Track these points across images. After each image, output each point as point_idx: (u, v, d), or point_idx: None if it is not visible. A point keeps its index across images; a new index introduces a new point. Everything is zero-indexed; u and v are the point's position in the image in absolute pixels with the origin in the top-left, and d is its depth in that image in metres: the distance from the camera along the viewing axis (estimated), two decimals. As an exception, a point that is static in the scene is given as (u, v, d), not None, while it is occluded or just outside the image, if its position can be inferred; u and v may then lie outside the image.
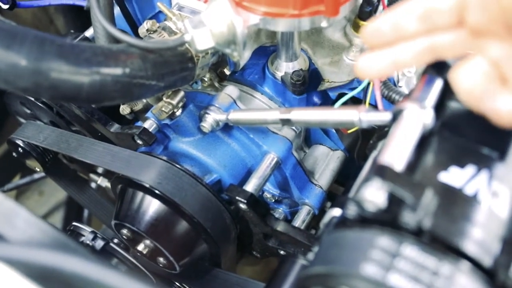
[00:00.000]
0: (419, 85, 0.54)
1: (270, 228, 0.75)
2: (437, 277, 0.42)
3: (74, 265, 0.41)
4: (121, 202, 0.78)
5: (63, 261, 0.42)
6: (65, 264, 0.41)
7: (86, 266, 0.41)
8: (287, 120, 0.65)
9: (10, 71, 0.53)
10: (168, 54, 0.65)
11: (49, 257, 0.42)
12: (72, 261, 0.41)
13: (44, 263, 0.42)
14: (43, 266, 0.42)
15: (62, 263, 0.42)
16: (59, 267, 0.42)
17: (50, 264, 0.42)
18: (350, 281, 0.43)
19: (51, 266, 0.42)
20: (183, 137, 0.81)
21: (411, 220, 0.44)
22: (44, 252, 0.42)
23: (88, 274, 0.41)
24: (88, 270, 0.41)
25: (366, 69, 0.51)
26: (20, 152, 0.92)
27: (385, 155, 0.48)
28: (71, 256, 0.42)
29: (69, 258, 0.42)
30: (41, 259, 0.42)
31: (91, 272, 0.41)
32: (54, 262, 0.42)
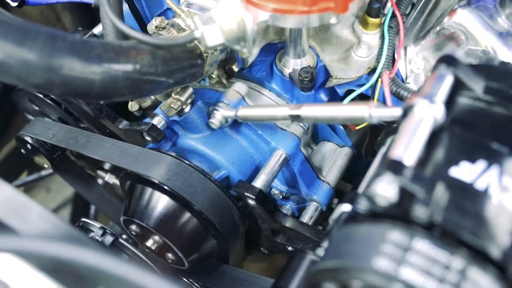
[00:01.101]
0: (429, 81, 0.54)
1: (278, 224, 0.75)
2: (449, 271, 0.42)
3: (88, 258, 0.42)
4: (130, 198, 0.78)
5: (76, 254, 0.42)
6: (79, 257, 0.42)
7: (100, 259, 0.42)
8: (297, 116, 0.65)
9: (23, 68, 0.53)
10: (177, 51, 0.65)
11: (63, 250, 0.42)
12: (85, 254, 0.42)
13: (57, 256, 0.42)
14: (56, 259, 0.43)
15: (75, 256, 0.42)
16: (72, 260, 0.42)
17: (63, 257, 0.42)
18: (362, 275, 0.44)
19: (64, 259, 0.42)
20: (192, 134, 0.81)
21: (423, 214, 0.45)
22: (57, 245, 0.42)
23: (102, 267, 0.41)
24: (102, 263, 0.42)
25: None
26: (29, 148, 0.92)
27: (396, 150, 0.48)
28: (84, 249, 0.42)
29: (83, 251, 0.42)
30: (54, 252, 0.42)
31: (105, 265, 0.42)
32: (67, 255, 0.42)
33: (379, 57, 0.78)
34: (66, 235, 0.51)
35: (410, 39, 0.80)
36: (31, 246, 0.41)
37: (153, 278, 0.40)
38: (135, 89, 0.62)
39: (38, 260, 0.46)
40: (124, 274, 0.40)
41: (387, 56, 0.77)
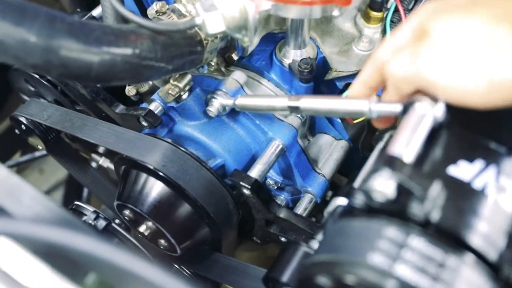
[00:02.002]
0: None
1: (272, 214, 0.75)
2: (443, 269, 0.42)
3: (81, 244, 0.41)
4: (124, 183, 0.78)
5: (70, 239, 0.42)
6: (72, 242, 0.41)
7: (93, 245, 0.41)
8: (296, 108, 0.65)
9: (21, 47, 0.52)
10: (177, 37, 0.65)
11: (56, 235, 0.42)
12: (79, 240, 0.41)
13: (51, 240, 0.42)
14: (50, 243, 0.42)
15: (69, 241, 0.42)
16: (65, 245, 0.42)
17: (56, 241, 0.42)
18: (356, 270, 0.44)
19: (57, 244, 0.42)
20: (189, 121, 0.81)
21: (419, 211, 0.45)
22: (51, 229, 0.42)
23: (95, 253, 0.41)
24: (95, 250, 0.41)
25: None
26: (23, 129, 0.91)
27: (395, 146, 0.48)
28: (78, 234, 0.42)
29: (77, 236, 0.42)
30: (48, 236, 0.42)
31: (98, 251, 0.41)
32: (60, 240, 0.42)
33: (380, 51, 0.77)
34: (59, 218, 0.51)
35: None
36: (24, 229, 0.41)
37: (145, 265, 0.40)
38: (133, 73, 0.61)
39: (31, 243, 0.46)
40: (116, 260, 0.40)
41: (388, 51, 0.76)
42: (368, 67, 0.58)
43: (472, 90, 0.47)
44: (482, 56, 0.46)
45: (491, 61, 0.46)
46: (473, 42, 0.47)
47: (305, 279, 0.49)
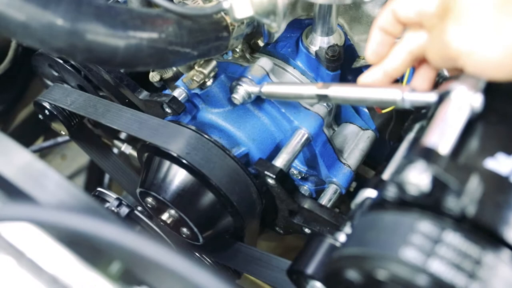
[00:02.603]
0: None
1: (297, 205, 0.74)
2: (480, 266, 0.41)
3: (107, 232, 0.40)
4: (147, 171, 0.77)
5: (95, 227, 0.41)
6: (98, 230, 0.40)
7: (119, 233, 0.41)
8: (324, 96, 0.63)
9: (46, 31, 0.52)
10: (203, 22, 0.63)
11: (82, 222, 0.41)
12: (104, 228, 0.41)
13: (76, 228, 0.41)
14: (75, 231, 0.42)
15: (94, 229, 0.41)
16: (91, 233, 0.41)
17: (81, 230, 0.41)
18: (388, 265, 0.42)
19: (83, 232, 0.41)
20: (213, 108, 0.80)
21: (455, 206, 0.43)
22: (77, 217, 0.41)
23: (121, 242, 0.40)
24: (120, 239, 0.40)
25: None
26: (47, 114, 0.91)
27: (430, 137, 0.47)
28: (103, 222, 0.41)
29: (102, 225, 0.41)
30: (73, 224, 0.41)
31: (124, 240, 0.40)
32: (86, 228, 0.41)
33: (410, 39, 0.75)
34: (83, 205, 0.50)
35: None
36: (49, 216, 0.40)
37: (169, 255, 0.39)
38: (159, 58, 0.60)
39: (56, 230, 0.45)
40: (141, 250, 0.39)
41: (419, 38, 0.74)
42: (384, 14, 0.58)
43: (489, 57, 0.46)
44: (498, 22, 0.46)
45: (507, 28, 0.45)
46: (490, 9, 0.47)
47: (333, 273, 0.48)
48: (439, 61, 0.52)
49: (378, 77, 0.59)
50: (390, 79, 0.60)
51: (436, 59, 0.53)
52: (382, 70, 0.59)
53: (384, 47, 0.59)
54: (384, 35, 0.58)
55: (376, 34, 0.59)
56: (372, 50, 0.59)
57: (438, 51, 0.51)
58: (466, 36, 0.47)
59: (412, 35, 0.56)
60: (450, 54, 0.49)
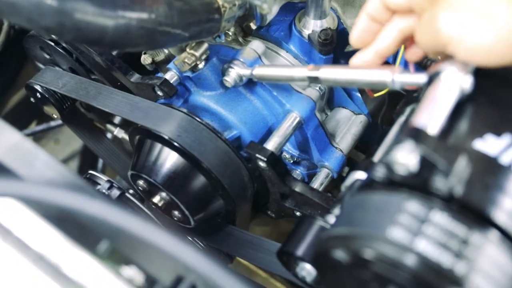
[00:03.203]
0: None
1: (288, 188, 0.74)
2: (466, 245, 0.41)
3: (93, 209, 0.40)
4: (139, 153, 0.77)
5: (82, 203, 0.41)
6: (85, 206, 0.40)
7: (106, 210, 0.41)
8: (315, 78, 0.63)
9: (34, 9, 0.51)
10: (195, 3, 0.63)
11: (68, 199, 0.41)
12: (92, 205, 0.40)
13: (62, 204, 0.41)
14: (60, 207, 0.41)
15: (81, 206, 0.41)
16: (77, 210, 0.41)
17: (68, 205, 0.41)
18: (375, 244, 0.42)
19: (69, 208, 0.41)
20: (205, 91, 0.79)
21: (443, 186, 0.43)
22: (63, 193, 0.41)
23: (108, 218, 0.40)
24: (108, 215, 0.40)
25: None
26: (38, 97, 0.90)
27: (419, 118, 0.46)
28: (90, 199, 0.41)
29: (89, 201, 0.41)
30: (59, 199, 0.41)
31: (111, 217, 0.40)
32: (73, 204, 0.41)
33: (403, 23, 0.75)
34: (72, 184, 0.50)
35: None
36: (35, 192, 0.40)
37: (159, 233, 0.39)
38: (149, 39, 0.60)
39: (42, 207, 0.45)
40: (129, 227, 0.39)
41: (412, 22, 0.74)
42: (373, 1, 0.58)
43: (479, 43, 0.46)
44: (489, 8, 0.46)
45: (498, 15, 0.45)
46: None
47: (322, 253, 0.48)
48: (429, 46, 0.52)
49: (369, 58, 0.59)
50: (381, 59, 0.59)
51: (426, 44, 0.52)
52: (373, 51, 0.59)
53: (370, 34, 0.59)
54: (371, 22, 0.59)
55: (363, 20, 0.59)
56: (357, 36, 0.60)
57: (428, 37, 0.51)
58: (456, 22, 0.47)
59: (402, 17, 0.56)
60: (440, 40, 0.48)
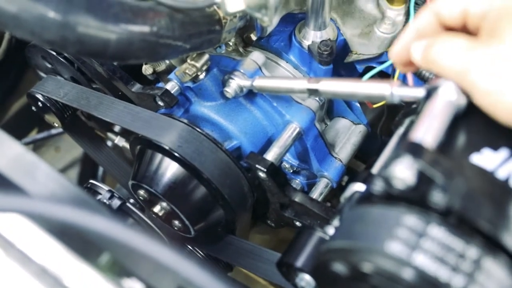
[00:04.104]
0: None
1: (287, 198, 0.74)
2: (463, 260, 0.41)
3: (96, 224, 0.41)
4: (140, 163, 0.78)
5: (85, 218, 0.41)
6: (87, 222, 0.41)
7: (108, 225, 0.41)
8: (315, 91, 0.63)
9: (37, 23, 0.52)
10: (196, 15, 0.63)
11: (71, 214, 0.42)
12: (94, 220, 0.41)
13: (66, 219, 0.42)
14: (64, 222, 0.42)
15: (84, 221, 0.41)
16: (80, 225, 0.42)
17: (71, 221, 0.42)
18: (373, 258, 0.43)
19: (72, 223, 0.42)
20: (205, 101, 0.80)
21: (440, 200, 0.43)
22: (66, 208, 0.42)
23: (110, 234, 0.41)
24: (109, 230, 0.41)
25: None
26: (40, 106, 0.91)
27: (417, 132, 0.47)
28: (93, 214, 0.42)
29: (91, 216, 0.41)
30: (62, 215, 0.42)
31: (113, 232, 0.41)
32: (76, 219, 0.42)
33: (402, 34, 0.75)
34: (74, 197, 0.51)
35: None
36: (39, 207, 0.40)
37: (158, 247, 0.39)
38: (150, 52, 0.61)
39: (46, 221, 0.45)
40: (130, 242, 0.39)
41: (411, 34, 0.74)
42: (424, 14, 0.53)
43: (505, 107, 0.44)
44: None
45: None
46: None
47: (321, 266, 0.48)
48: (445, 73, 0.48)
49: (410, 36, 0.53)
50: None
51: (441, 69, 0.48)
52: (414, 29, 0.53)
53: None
54: (417, 38, 0.52)
55: (409, 35, 0.53)
56: (398, 51, 0.54)
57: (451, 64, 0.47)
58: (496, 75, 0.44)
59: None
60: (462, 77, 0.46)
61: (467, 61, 0.46)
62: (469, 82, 0.46)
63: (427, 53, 0.49)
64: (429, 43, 0.50)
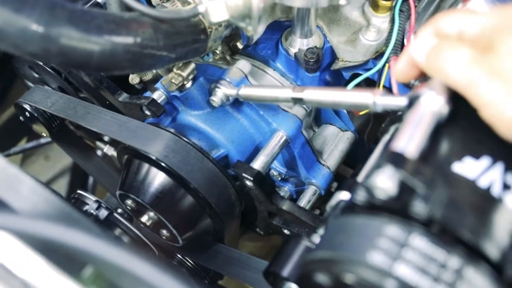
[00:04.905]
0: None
1: (275, 206, 0.74)
2: (445, 269, 0.41)
3: (77, 241, 0.41)
4: (127, 173, 0.77)
5: (67, 235, 0.41)
6: (69, 239, 0.41)
7: (89, 241, 0.41)
8: (299, 99, 0.64)
9: (20, 35, 0.52)
10: (180, 25, 0.63)
11: (54, 231, 0.41)
12: (75, 236, 0.41)
13: (49, 236, 0.42)
14: (48, 239, 0.42)
15: (66, 238, 0.41)
16: (63, 242, 0.41)
17: (54, 238, 0.42)
18: (355, 269, 0.43)
19: (56, 240, 0.42)
20: (192, 110, 0.80)
21: (422, 210, 0.44)
22: (49, 226, 0.42)
23: (90, 249, 0.41)
24: (90, 246, 0.41)
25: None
26: (27, 116, 0.91)
27: (398, 142, 0.47)
28: (74, 230, 0.42)
29: (73, 233, 0.41)
30: (46, 232, 0.42)
31: (93, 247, 0.41)
32: (58, 237, 0.41)
33: (387, 42, 0.76)
34: (58, 210, 0.51)
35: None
36: (22, 225, 0.40)
37: (139, 263, 0.39)
38: (135, 62, 0.61)
39: (27, 236, 0.45)
40: (112, 258, 0.39)
41: (396, 41, 0.75)
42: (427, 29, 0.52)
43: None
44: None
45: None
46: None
47: (305, 276, 0.48)
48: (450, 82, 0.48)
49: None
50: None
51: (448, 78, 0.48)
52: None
53: (413, 70, 0.53)
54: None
55: (408, 56, 0.53)
56: (400, 70, 0.54)
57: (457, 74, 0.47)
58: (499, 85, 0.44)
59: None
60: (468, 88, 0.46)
61: (471, 73, 0.46)
62: (473, 94, 0.46)
63: (433, 60, 0.49)
64: (435, 49, 0.50)
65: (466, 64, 0.46)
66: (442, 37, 0.50)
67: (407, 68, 0.53)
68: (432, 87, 0.50)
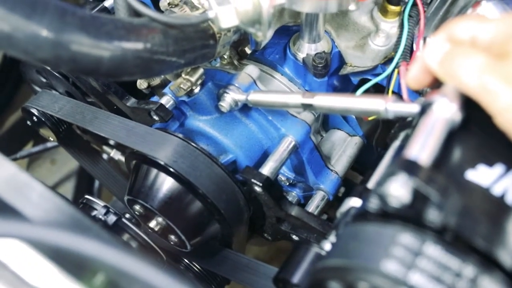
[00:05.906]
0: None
1: (284, 212, 0.74)
2: (460, 278, 0.41)
3: (89, 248, 0.41)
4: (135, 178, 0.77)
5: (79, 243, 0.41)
6: (82, 247, 0.41)
7: (101, 249, 0.41)
8: (309, 105, 0.63)
9: (30, 42, 0.52)
10: (190, 30, 0.63)
11: (67, 239, 0.41)
12: (87, 244, 0.41)
13: (62, 244, 0.42)
14: (61, 247, 0.42)
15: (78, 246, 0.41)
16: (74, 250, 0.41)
17: (67, 246, 0.42)
18: (369, 277, 0.42)
19: (69, 248, 0.42)
20: (200, 115, 0.80)
21: (436, 218, 0.43)
22: (61, 234, 0.41)
23: (103, 257, 0.41)
24: (102, 254, 0.41)
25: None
26: (35, 120, 0.91)
27: (411, 150, 0.47)
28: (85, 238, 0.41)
29: (85, 241, 0.41)
30: (59, 240, 0.42)
31: (106, 256, 0.41)
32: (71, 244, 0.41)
33: (397, 47, 0.75)
34: (68, 217, 0.50)
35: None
36: (34, 233, 0.40)
37: (151, 270, 0.39)
38: (145, 68, 0.61)
39: (39, 244, 0.45)
40: (123, 266, 0.39)
41: (405, 46, 0.74)
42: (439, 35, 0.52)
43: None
44: None
45: None
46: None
47: (316, 283, 0.48)
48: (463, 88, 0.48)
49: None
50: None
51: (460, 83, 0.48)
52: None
53: (427, 76, 0.52)
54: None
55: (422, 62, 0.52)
56: (413, 77, 0.53)
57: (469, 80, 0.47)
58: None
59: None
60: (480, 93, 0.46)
61: (486, 80, 0.46)
62: (488, 101, 0.46)
63: (447, 66, 0.49)
64: (449, 55, 0.49)
65: (481, 70, 0.46)
66: (455, 43, 0.50)
67: (420, 74, 0.53)
68: (444, 94, 0.50)
